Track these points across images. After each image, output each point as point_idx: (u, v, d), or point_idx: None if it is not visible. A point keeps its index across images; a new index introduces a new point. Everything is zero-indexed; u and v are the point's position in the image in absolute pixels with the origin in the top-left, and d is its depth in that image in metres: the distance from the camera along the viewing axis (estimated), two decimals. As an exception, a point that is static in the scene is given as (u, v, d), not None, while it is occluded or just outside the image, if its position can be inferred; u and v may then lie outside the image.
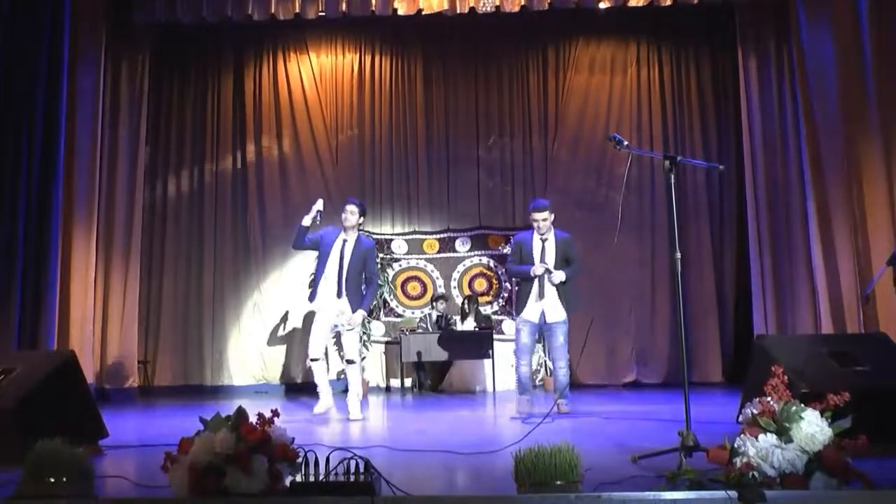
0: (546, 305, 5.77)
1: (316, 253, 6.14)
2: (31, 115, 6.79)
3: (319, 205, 5.91)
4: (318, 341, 5.82)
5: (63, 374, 4.32)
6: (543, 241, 5.84)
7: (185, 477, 2.77)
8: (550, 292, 5.77)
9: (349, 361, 5.88)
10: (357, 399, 5.91)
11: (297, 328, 8.86)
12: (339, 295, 5.78)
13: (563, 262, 5.82)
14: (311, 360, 5.85)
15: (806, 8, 7.31)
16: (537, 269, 5.72)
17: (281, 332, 8.95)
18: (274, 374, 8.88)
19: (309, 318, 8.22)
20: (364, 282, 5.98)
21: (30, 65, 6.83)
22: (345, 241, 5.88)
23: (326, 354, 6.12)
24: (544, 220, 5.80)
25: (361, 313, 5.85)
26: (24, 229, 6.64)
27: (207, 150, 9.23)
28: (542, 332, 5.97)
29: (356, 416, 5.82)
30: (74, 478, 2.87)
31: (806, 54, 7.27)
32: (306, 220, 5.86)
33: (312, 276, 6.07)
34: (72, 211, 7.34)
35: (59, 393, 4.23)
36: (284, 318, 8.96)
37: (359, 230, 6.02)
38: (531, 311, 5.81)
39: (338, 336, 6.16)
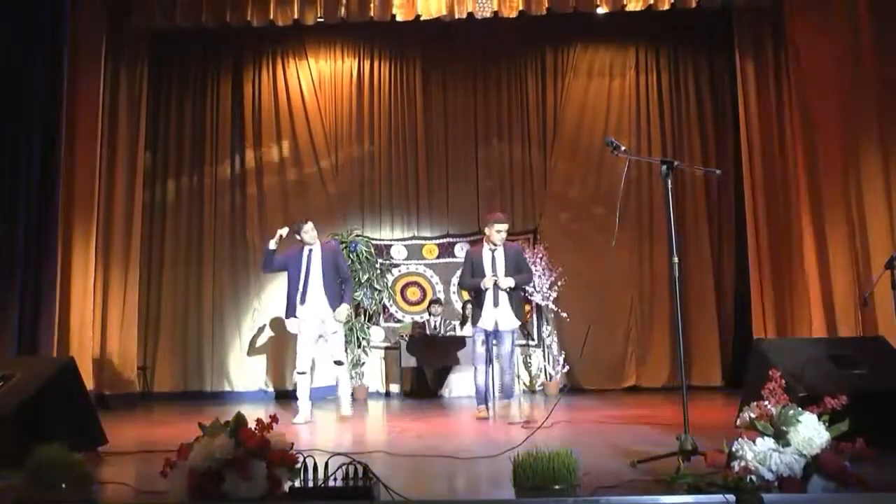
0: (499, 314, 5.91)
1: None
2: (31, 121, 6.79)
3: (284, 231, 6.23)
4: (305, 355, 6.11)
5: (62, 380, 4.32)
6: (493, 251, 6.02)
7: (184, 482, 2.78)
8: (503, 302, 5.91)
9: (338, 362, 6.08)
10: (348, 397, 6.18)
11: (295, 336, 8.84)
12: (321, 302, 6.02)
13: (514, 271, 5.99)
14: (299, 373, 6.12)
15: (802, 12, 7.32)
16: (487, 281, 5.91)
17: (281, 338, 8.94)
18: (273, 380, 8.88)
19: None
20: (340, 284, 6.22)
21: (30, 69, 6.83)
22: (310, 250, 6.14)
23: (313, 367, 6.31)
24: (500, 231, 6.03)
25: (346, 307, 6.13)
26: (23, 235, 6.63)
27: (207, 156, 9.24)
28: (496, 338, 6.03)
29: (347, 412, 6.09)
30: (74, 484, 2.87)
31: (802, 58, 7.28)
32: (272, 244, 6.21)
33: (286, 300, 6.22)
34: (71, 217, 7.34)
35: (58, 399, 4.23)
36: (283, 326, 8.94)
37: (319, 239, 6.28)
38: (486, 319, 5.96)
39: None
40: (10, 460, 3.28)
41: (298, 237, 6.17)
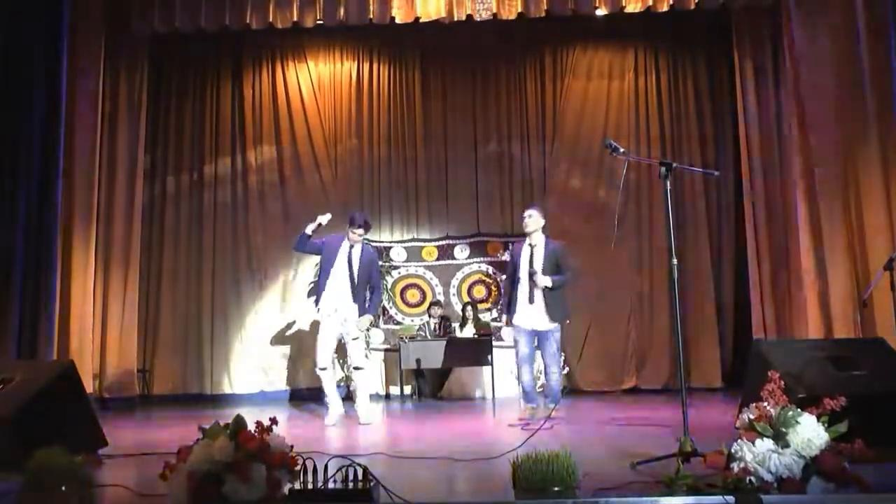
0: (536, 311, 5.78)
1: (317, 259, 6.21)
2: (31, 123, 6.80)
3: (325, 219, 6.06)
4: (326, 350, 5.92)
5: (62, 383, 4.32)
6: (532, 247, 5.89)
7: (183, 485, 2.78)
8: (539, 299, 5.77)
9: (357, 368, 5.97)
10: (367, 404, 6.02)
11: (298, 336, 8.87)
12: (347, 301, 5.89)
13: (553, 269, 5.81)
14: (320, 369, 5.95)
15: (801, 13, 7.33)
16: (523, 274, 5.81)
17: (282, 340, 8.95)
18: (275, 382, 8.88)
19: (312, 325, 8.25)
20: (369, 290, 6.10)
21: (29, 72, 6.84)
22: (351, 247, 6.00)
23: (333, 363, 6.19)
24: (529, 216, 5.93)
25: (368, 317, 6.01)
26: (23, 238, 6.64)
27: (207, 158, 9.24)
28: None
29: (367, 420, 5.90)
30: (74, 487, 2.87)
31: (801, 59, 7.29)
32: (309, 229, 6.04)
33: (313, 284, 6.14)
34: (71, 219, 7.35)
35: (58, 402, 4.23)
36: (285, 327, 8.96)
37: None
38: (522, 316, 5.83)
39: (342, 345, 6.20)
40: (10, 463, 3.28)
41: (354, 231, 5.97)
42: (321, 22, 7.71)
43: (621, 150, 3.97)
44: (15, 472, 3.01)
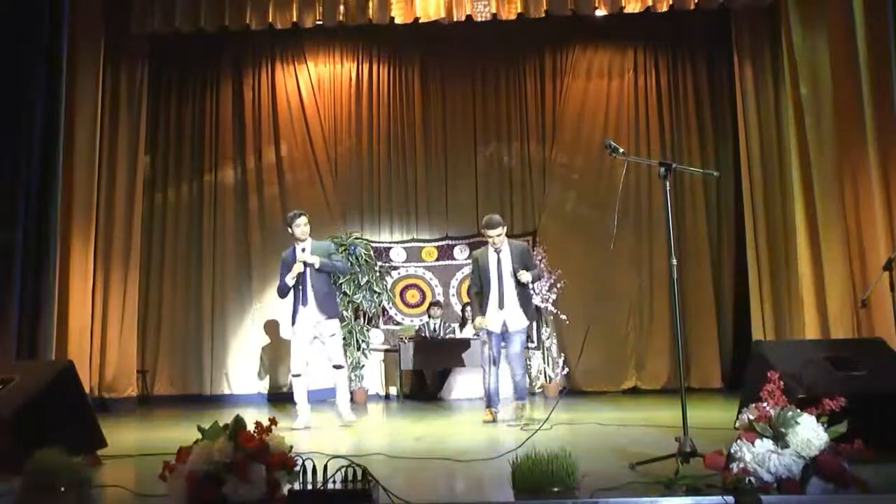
0: (507, 314, 5.84)
1: None
2: (31, 125, 6.79)
3: (300, 267, 5.93)
4: (299, 357, 5.97)
5: (62, 383, 4.32)
6: (498, 252, 5.93)
7: (183, 486, 2.78)
8: (510, 301, 5.85)
9: (337, 367, 5.98)
10: (347, 402, 6.04)
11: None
12: (306, 304, 5.91)
13: (523, 268, 5.87)
14: (293, 375, 6.00)
15: (800, 14, 7.33)
16: (477, 323, 5.93)
17: (281, 342, 8.94)
18: (273, 384, 8.87)
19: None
20: (334, 283, 6.18)
21: (29, 74, 6.84)
22: (303, 249, 5.99)
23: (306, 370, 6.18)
24: (498, 236, 5.90)
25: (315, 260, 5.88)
26: (22, 238, 6.63)
27: (206, 158, 9.25)
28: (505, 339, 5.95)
29: (349, 418, 5.94)
30: (73, 487, 2.88)
31: (800, 60, 7.29)
32: (290, 280, 5.96)
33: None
34: (71, 220, 7.34)
35: (57, 403, 4.23)
36: (284, 328, 8.95)
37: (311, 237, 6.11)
38: (492, 321, 5.88)
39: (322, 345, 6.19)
40: (10, 464, 3.28)
41: (290, 231, 6.00)
42: (320, 22, 7.72)
43: (621, 150, 3.97)
44: (14, 472, 3.01)
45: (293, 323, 6.02)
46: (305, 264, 5.89)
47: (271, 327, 8.96)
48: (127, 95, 8.35)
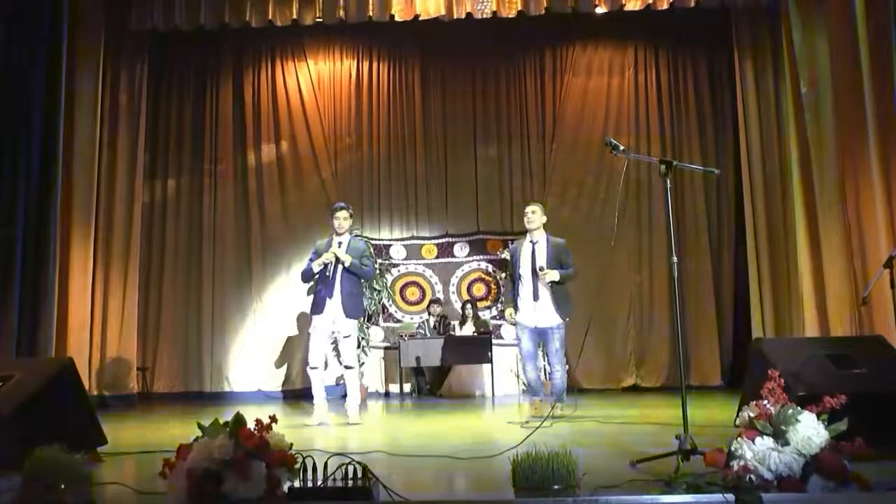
0: (540, 308, 5.78)
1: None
2: (30, 122, 6.79)
3: (330, 257, 5.79)
4: (317, 350, 5.86)
5: (61, 380, 4.31)
6: (533, 244, 5.86)
7: (183, 483, 2.77)
8: (544, 295, 5.77)
9: (348, 367, 5.93)
10: (356, 403, 5.97)
11: (297, 335, 8.86)
12: (332, 297, 5.80)
13: (555, 265, 5.81)
14: (311, 367, 5.90)
15: (800, 11, 7.33)
16: (508, 316, 5.92)
17: (281, 339, 8.94)
18: (274, 381, 8.87)
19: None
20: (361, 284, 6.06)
21: (29, 70, 6.84)
22: (339, 244, 5.90)
23: (326, 362, 6.14)
24: (533, 212, 5.88)
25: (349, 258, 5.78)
26: (22, 235, 6.63)
27: (206, 156, 9.24)
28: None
29: (355, 420, 5.86)
30: (73, 485, 2.87)
31: (800, 59, 7.28)
32: (316, 267, 5.83)
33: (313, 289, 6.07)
34: (70, 217, 7.35)
35: (57, 400, 4.22)
36: (284, 325, 8.95)
37: (351, 233, 6.05)
38: (526, 314, 5.83)
39: (335, 342, 6.18)
40: (10, 461, 3.28)
41: (335, 217, 5.88)
42: (320, 20, 7.73)
43: (622, 148, 3.96)
44: (14, 469, 3.01)
45: (313, 312, 5.89)
46: (337, 259, 5.81)
47: (271, 324, 8.97)
48: (127, 93, 8.35)
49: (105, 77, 7.93)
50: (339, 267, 5.80)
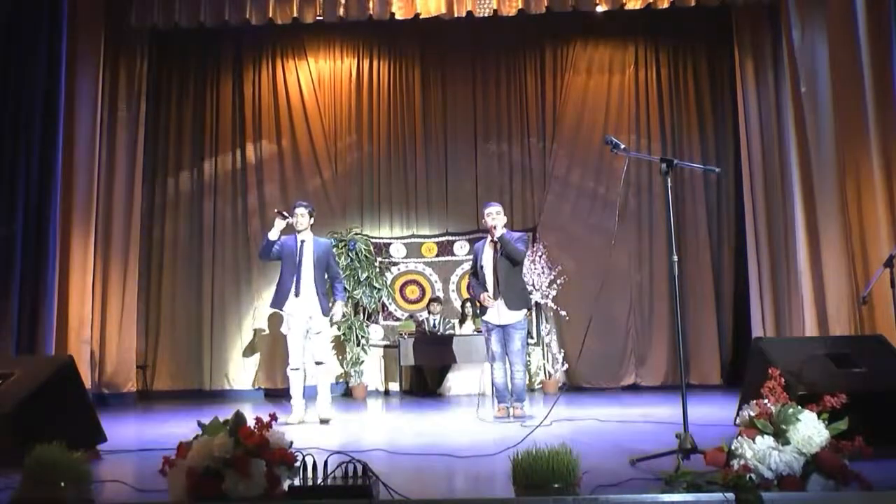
0: (501, 305, 5.82)
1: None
2: (30, 119, 6.79)
3: (280, 224, 5.97)
4: (297, 350, 5.95)
5: (61, 379, 4.32)
6: (496, 242, 5.90)
7: (183, 481, 2.78)
8: (505, 291, 5.80)
9: (318, 363, 5.97)
10: (328, 399, 6.01)
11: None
12: (311, 298, 5.90)
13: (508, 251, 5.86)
14: (291, 369, 5.98)
15: (800, 10, 7.32)
16: (486, 300, 5.84)
17: (280, 337, 8.91)
18: (274, 379, 8.87)
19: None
20: (329, 281, 6.15)
21: (28, 67, 6.83)
22: (302, 241, 6.00)
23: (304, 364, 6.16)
24: (498, 213, 5.90)
25: (340, 304, 6.14)
26: (22, 233, 6.63)
27: (206, 154, 9.23)
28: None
29: (327, 416, 5.89)
30: (73, 483, 2.87)
31: (800, 59, 7.28)
32: (273, 234, 5.98)
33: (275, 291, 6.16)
34: (70, 215, 7.34)
35: (57, 398, 4.23)
36: (284, 323, 8.93)
37: (312, 231, 6.16)
38: (490, 311, 5.87)
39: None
40: (9, 459, 3.28)
41: (290, 220, 6.00)
42: (321, 18, 7.71)
43: (622, 146, 3.96)
44: (14, 467, 3.01)
45: (273, 305, 6.08)
46: (284, 217, 5.95)
47: (271, 322, 8.96)
48: (126, 90, 8.34)
49: (105, 75, 7.92)
50: (304, 263, 5.92)
